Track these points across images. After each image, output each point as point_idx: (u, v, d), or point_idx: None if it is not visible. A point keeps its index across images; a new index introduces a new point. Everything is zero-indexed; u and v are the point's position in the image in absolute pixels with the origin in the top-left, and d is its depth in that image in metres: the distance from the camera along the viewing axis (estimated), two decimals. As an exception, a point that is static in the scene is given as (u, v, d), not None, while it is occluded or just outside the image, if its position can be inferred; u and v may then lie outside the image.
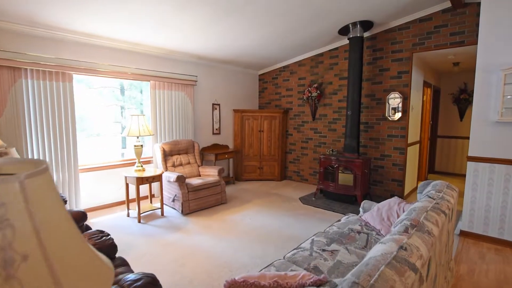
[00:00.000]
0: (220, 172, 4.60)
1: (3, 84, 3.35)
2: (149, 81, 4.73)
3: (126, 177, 3.93)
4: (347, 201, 4.63)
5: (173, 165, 4.62)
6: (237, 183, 6.06)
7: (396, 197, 2.69)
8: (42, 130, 3.66)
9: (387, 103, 4.73)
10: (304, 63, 5.92)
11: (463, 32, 3.94)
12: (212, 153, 5.50)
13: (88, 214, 4.01)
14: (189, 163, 4.85)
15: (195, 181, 4.30)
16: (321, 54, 5.61)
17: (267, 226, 3.69)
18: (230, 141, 6.31)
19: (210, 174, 4.69)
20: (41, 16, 3.25)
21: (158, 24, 3.74)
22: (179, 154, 4.80)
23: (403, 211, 2.38)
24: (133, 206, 4.36)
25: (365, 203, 2.95)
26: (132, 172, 4.01)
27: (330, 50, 5.47)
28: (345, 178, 4.59)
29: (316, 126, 5.82)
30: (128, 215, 3.96)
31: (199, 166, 4.92)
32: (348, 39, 4.72)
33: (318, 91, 5.55)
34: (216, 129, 6.00)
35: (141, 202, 4.53)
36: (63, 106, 3.80)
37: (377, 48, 4.83)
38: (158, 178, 4.02)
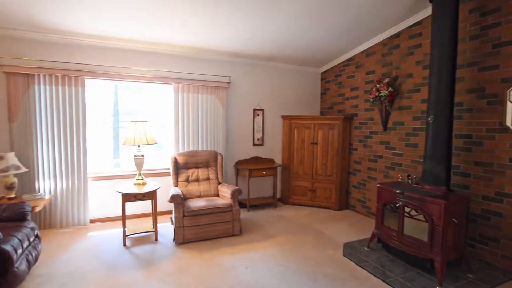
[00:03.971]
0: (234, 194, 3.61)
1: (17, 91, 3.46)
2: (172, 84, 4.25)
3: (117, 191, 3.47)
4: (417, 264, 2.78)
5: (187, 180, 3.93)
6: (281, 206, 4.87)
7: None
8: (53, 135, 3.64)
9: (508, 103, 2.64)
10: (374, 51, 4.23)
11: None
12: (246, 168, 4.55)
13: (93, 225, 3.79)
14: (207, 178, 4.07)
15: (196, 203, 3.47)
16: (397, 35, 3.84)
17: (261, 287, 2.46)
18: (277, 154, 5.19)
19: (225, 195, 3.76)
20: (52, 22, 3.19)
21: (183, 18, 3.23)
22: (197, 167, 4.09)
23: None
24: (139, 222, 3.92)
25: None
26: (128, 185, 3.53)
27: (410, 27, 3.65)
28: (415, 226, 2.77)
29: (389, 139, 4.01)
30: (124, 234, 3.49)
31: (219, 183, 4.07)
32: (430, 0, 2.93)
33: (391, 89, 3.79)
34: (258, 139, 5.02)
35: (140, 221, 4.06)
36: (74, 112, 3.71)
37: (489, 9, 2.81)
38: (150, 195, 3.40)
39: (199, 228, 3.39)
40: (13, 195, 3.24)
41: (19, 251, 2.36)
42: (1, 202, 2.98)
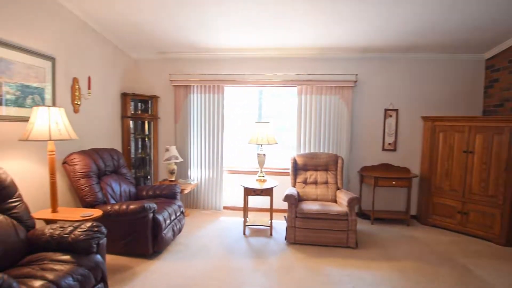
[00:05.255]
0: (351, 202, 3.32)
1: (180, 99, 4.51)
2: (296, 86, 4.37)
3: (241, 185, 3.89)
4: None
5: (305, 182, 3.95)
6: (415, 226, 4.08)
7: None
8: (200, 134, 4.52)
9: None
10: None
11: None
12: (371, 175, 4.09)
13: (225, 211, 4.46)
14: (326, 182, 3.94)
15: (309, 206, 3.42)
16: None
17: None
18: (413, 162, 4.37)
19: (342, 202, 3.52)
20: (201, 43, 3.99)
21: (304, 22, 3.32)
22: (315, 170, 4.03)
23: None
24: (260, 216, 4.28)
25: None
26: (252, 180, 3.90)
27: None
28: None
29: None
30: (244, 224, 3.89)
31: (338, 189, 3.85)
32: None
33: None
34: (389, 143, 4.39)
35: (261, 215, 4.35)
36: (216, 115, 4.46)
37: None
38: (268, 192, 3.62)
39: (311, 232, 3.33)
40: (173, 179, 4.26)
41: (168, 221, 3.08)
42: (164, 183, 3.99)
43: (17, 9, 2.50)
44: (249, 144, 3.90)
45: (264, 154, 3.94)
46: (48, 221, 2.36)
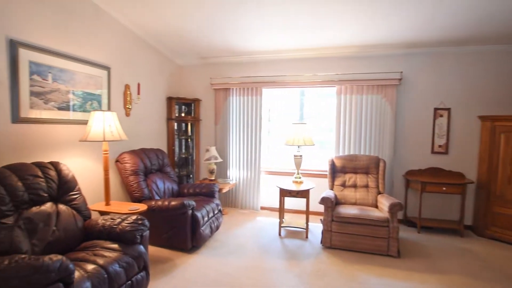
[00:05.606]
0: (392, 208, 3.13)
1: (220, 101, 4.69)
2: (335, 86, 4.25)
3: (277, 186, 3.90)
4: None
5: (343, 185, 3.83)
6: (470, 237, 3.70)
7: None
8: (239, 135, 4.65)
9: None
10: None
11: None
12: (418, 180, 3.80)
13: (262, 212, 4.53)
14: (366, 186, 3.77)
15: (346, 210, 3.30)
16: None
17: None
18: (468, 167, 3.95)
19: (383, 207, 3.34)
20: (239, 47, 4.12)
21: (341, 20, 3.24)
22: (355, 172, 3.88)
23: None
24: (296, 218, 4.25)
25: None
26: (288, 182, 3.90)
27: None
28: None
29: None
30: (280, 225, 3.89)
31: (379, 193, 3.67)
32: None
33: None
34: (440, 146, 4.03)
35: (298, 216, 4.31)
36: (254, 116, 4.55)
37: None
38: (304, 194, 3.58)
39: (348, 237, 3.22)
40: (213, 178, 4.45)
41: (206, 218, 3.23)
42: (204, 182, 4.19)
43: (78, 25, 2.85)
44: (285, 145, 3.91)
45: (300, 156, 3.91)
46: (102, 213, 2.65)
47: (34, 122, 2.46)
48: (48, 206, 2.11)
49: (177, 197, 3.65)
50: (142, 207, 2.76)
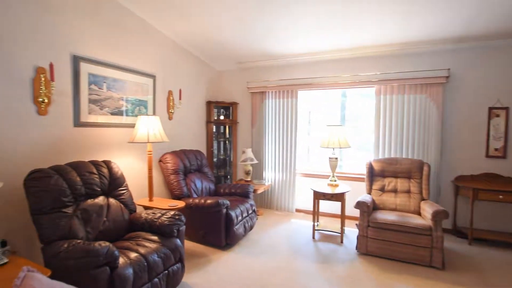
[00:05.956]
0: (436, 215, 2.91)
1: (256, 105, 4.81)
2: (373, 86, 4.09)
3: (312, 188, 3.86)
4: None
5: (382, 189, 3.66)
6: (531, 252, 3.27)
7: None
8: (274, 137, 4.71)
9: None
10: None
11: None
12: (469, 187, 3.48)
13: (296, 214, 4.54)
14: (408, 191, 3.56)
15: (384, 215, 3.15)
16: None
17: None
18: (533, 173, 3.50)
19: (426, 215, 3.12)
20: (275, 50, 4.20)
21: (382, 16, 3.10)
22: (395, 177, 3.69)
23: None
24: (332, 222, 4.16)
25: None
26: (323, 184, 3.85)
27: None
28: None
29: None
30: (313, 228, 3.84)
31: (422, 199, 3.43)
32: None
33: None
34: (496, 149, 3.63)
35: (333, 220, 4.22)
36: (289, 119, 4.58)
37: None
38: (338, 197, 3.51)
39: (385, 244, 3.07)
40: (248, 179, 4.57)
41: (239, 218, 3.35)
42: (240, 183, 4.32)
43: (128, 39, 3.19)
44: (320, 147, 3.87)
45: (336, 158, 3.83)
46: (145, 207, 2.92)
47: (91, 126, 2.81)
48: (100, 199, 2.41)
49: (214, 196, 3.84)
50: (180, 204, 2.97)
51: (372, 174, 3.78)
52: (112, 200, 2.50)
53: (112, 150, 3.04)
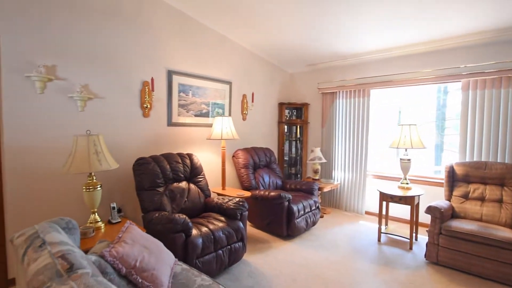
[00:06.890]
0: (530, 229, 2.48)
1: (327, 105, 4.88)
2: (460, 80, 3.65)
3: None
4: None
5: (465, 196, 3.27)
6: None
7: None
8: (344, 137, 4.68)
9: None
10: None
11: None
12: None
13: (366, 216, 4.47)
14: (498, 201, 3.08)
15: (460, 224, 2.83)
16: None
17: None
18: None
19: (519, 228, 2.67)
20: (345, 50, 4.21)
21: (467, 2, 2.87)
22: (483, 183, 3.23)
23: None
24: (402, 227, 3.91)
25: None
26: (393, 187, 3.67)
27: None
28: None
29: None
30: (379, 231, 3.68)
31: (518, 211, 2.92)
32: None
33: None
34: None
35: (404, 226, 3.92)
36: (361, 118, 4.48)
37: None
38: (408, 200, 3.30)
39: (460, 255, 2.76)
40: (316, 177, 4.68)
41: (301, 212, 3.55)
42: (307, 180, 4.49)
43: (208, 52, 3.79)
44: (390, 148, 3.70)
45: (408, 160, 3.59)
46: (218, 194, 3.44)
47: (180, 125, 3.50)
48: (183, 184, 3.01)
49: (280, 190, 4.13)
50: (247, 193, 3.38)
51: (454, 179, 3.40)
52: (192, 185, 3.08)
53: (194, 145, 3.69)
